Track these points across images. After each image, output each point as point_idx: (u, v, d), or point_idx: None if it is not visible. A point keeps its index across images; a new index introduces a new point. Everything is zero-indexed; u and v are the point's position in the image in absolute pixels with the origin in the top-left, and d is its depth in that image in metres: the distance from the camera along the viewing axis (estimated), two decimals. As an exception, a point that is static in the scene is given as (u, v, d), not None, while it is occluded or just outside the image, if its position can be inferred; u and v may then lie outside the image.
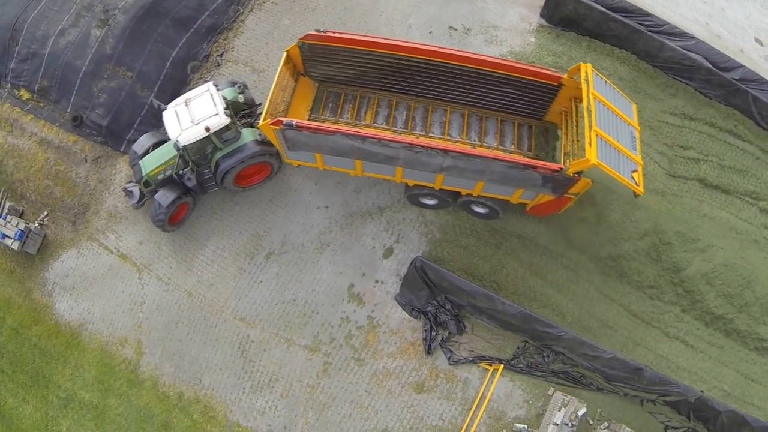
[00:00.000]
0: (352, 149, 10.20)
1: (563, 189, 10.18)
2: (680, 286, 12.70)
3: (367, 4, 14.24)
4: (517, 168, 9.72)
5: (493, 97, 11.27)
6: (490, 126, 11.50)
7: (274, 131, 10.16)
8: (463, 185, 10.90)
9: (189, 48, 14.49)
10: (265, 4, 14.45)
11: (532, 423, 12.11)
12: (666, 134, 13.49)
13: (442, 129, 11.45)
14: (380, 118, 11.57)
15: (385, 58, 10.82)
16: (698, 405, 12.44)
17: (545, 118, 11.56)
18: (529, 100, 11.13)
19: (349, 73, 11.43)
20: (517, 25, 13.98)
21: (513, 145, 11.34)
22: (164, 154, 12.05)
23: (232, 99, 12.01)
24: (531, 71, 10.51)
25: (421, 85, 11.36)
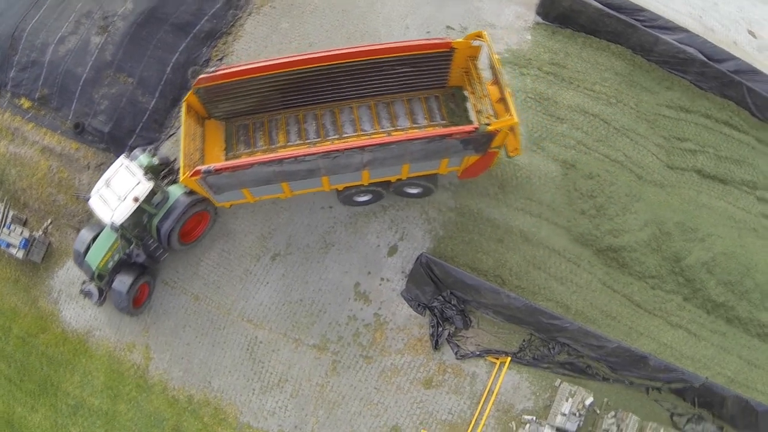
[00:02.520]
0: (273, 175, 10.31)
1: (485, 146, 10.38)
2: (681, 276, 12.91)
3: (365, 6, 14.37)
4: (434, 141, 9.91)
5: (393, 80, 11.37)
6: (399, 109, 11.62)
7: (195, 182, 10.23)
8: (390, 173, 11.03)
9: (189, 53, 14.56)
10: (263, 7, 14.56)
11: (540, 414, 12.25)
12: (663, 127, 13.69)
13: (353, 126, 11.53)
14: (292, 136, 11.60)
15: (279, 77, 10.91)
16: (703, 391, 12.65)
17: (449, 84, 11.69)
18: (427, 72, 11.26)
19: (250, 102, 11.52)
20: (513, 23, 14.14)
21: (426, 119, 11.47)
22: (105, 241, 12.06)
23: (148, 164, 12.08)
24: (419, 45, 10.64)
25: (322, 92, 11.49)
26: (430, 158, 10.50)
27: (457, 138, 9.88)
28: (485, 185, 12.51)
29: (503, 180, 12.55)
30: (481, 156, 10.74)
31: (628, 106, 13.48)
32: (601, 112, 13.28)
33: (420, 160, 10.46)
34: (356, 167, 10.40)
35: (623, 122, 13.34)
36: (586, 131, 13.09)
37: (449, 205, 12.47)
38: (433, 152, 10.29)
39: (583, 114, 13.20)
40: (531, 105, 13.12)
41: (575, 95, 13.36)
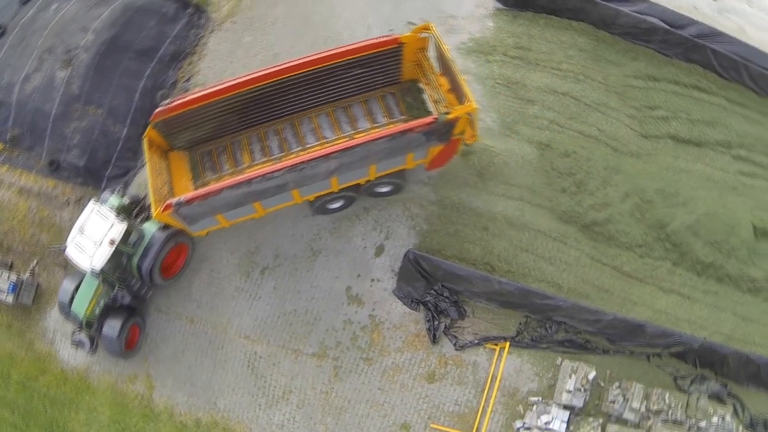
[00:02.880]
0: (244, 196, 10.32)
1: (448, 135, 10.47)
2: (667, 241, 13.05)
3: (325, 12, 14.41)
4: (397, 138, 9.97)
5: (347, 84, 11.45)
6: (357, 111, 11.71)
7: (169, 216, 10.24)
8: (358, 176, 11.09)
9: (155, 77, 14.54)
10: (224, 24, 14.59)
11: (545, 394, 12.31)
12: (633, 97, 13.86)
13: (315, 136, 11.60)
14: (257, 154, 11.65)
15: (234, 99, 10.92)
16: (703, 352, 12.76)
17: (403, 79, 11.76)
18: (380, 71, 11.35)
19: (210, 128, 11.52)
20: (473, 11, 14.24)
21: (385, 117, 11.57)
22: (88, 288, 11.99)
23: (119, 205, 12.06)
24: (369, 46, 10.70)
25: (279, 107, 11.52)
26: (395, 155, 10.58)
27: (418, 131, 9.95)
28: (464, 175, 12.58)
29: (481, 168, 12.61)
30: (446, 145, 10.81)
31: (596, 81, 13.62)
32: (570, 90, 13.41)
33: (385, 158, 10.53)
34: (324, 176, 10.44)
35: (593, 97, 13.47)
36: (558, 110, 13.20)
37: (430, 199, 12.51)
38: (397, 149, 10.37)
39: (553, 94, 13.32)
40: (500, 90, 13.20)
41: (543, 76, 13.49)
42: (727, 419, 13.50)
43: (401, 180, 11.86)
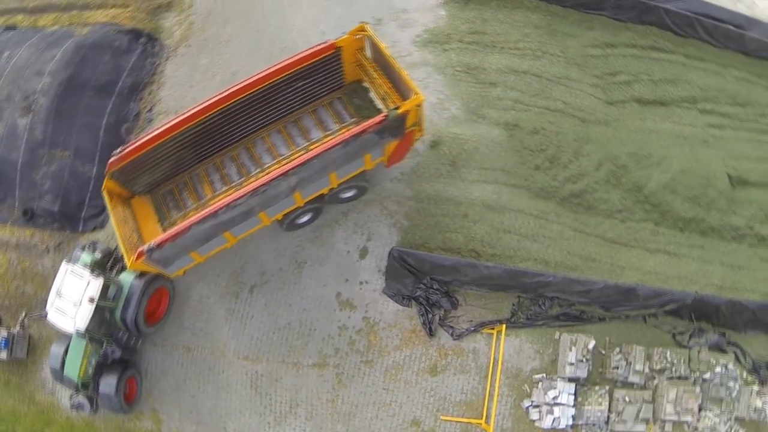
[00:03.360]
0: (212, 229, 10.27)
1: (401, 129, 10.48)
2: (647, 203, 13.18)
3: (277, 23, 14.32)
4: (351, 142, 9.98)
5: (293, 98, 11.43)
6: (307, 122, 11.69)
7: (142, 263, 10.15)
8: (321, 186, 11.06)
9: (118, 112, 14.38)
10: (179, 49, 14.46)
11: (549, 370, 12.36)
12: (593, 66, 13.98)
13: (271, 155, 11.55)
14: (217, 184, 11.58)
15: (184, 134, 10.83)
16: (697, 305, 12.92)
17: (347, 82, 11.77)
18: (323, 78, 11.34)
19: (166, 167, 11.46)
20: (424, 3, 14.20)
21: (336, 123, 11.57)
22: (77, 350, 11.82)
23: (92, 261, 11.96)
24: (307, 56, 10.66)
25: (230, 134, 11.46)
26: (352, 159, 10.58)
27: (371, 131, 9.95)
28: (436, 166, 12.60)
29: (452, 157, 12.63)
30: (401, 139, 10.82)
31: (555, 56, 13.71)
32: (530, 67, 13.48)
33: (343, 164, 10.53)
34: (287, 193, 10.40)
35: (554, 72, 13.56)
36: (521, 89, 13.24)
37: (406, 195, 12.51)
38: (354, 152, 10.35)
39: (514, 74, 13.36)
40: (461, 77, 13.22)
41: (501, 58, 13.51)
42: (730, 367, 13.67)
43: (364, 182, 11.91)
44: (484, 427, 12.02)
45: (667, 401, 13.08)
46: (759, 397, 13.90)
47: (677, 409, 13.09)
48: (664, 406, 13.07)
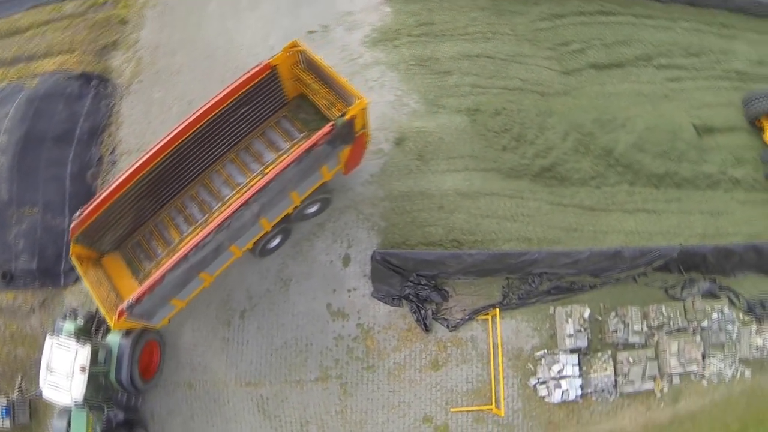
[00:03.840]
0: (187, 272, 10.19)
1: (351, 135, 10.49)
2: (618, 165, 13.26)
3: (224, 44, 14.22)
4: (303, 158, 9.93)
5: (239, 125, 11.37)
6: (259, 147, 11.62)
7: (125, 321, 10.02)
8: (284, 207, 10.99)
9: (80, 159, 14.17)
10: (131, 86, 14.29)
11: (549, 345, 12.39)
12: (544, 39, 14.07)
13: (229, 186, 11.44)
14: (183, 227, 11.44)
15: (138, 185, 10.73)
16: (683, 257, 13.01)
17: (290, 99, 11.71)
18: (264, 100, 11.30)
19: (128, 221, 11.33)
20: (369, 2, 14.18)
21: (287, 142, 11.49)
22: (79, 421, 11.54)
23: (76, 328, 11.71)
24: (245, 81, 10.63)
25: (184, 174, 11.37)
26: (309, 174, 10.52)
27: (322, 143, 9.91)
28: (404, 162, 12.58)
29: (419, 151, 12.62)
30: (353, 145, 10.81)
31: (505, 35, 13.77)
32: (482, 50, 13.50)
33: (301, 181, 10.47)
34: (252, 221, 10.33)
35: (507, 51, 13.60)
36: (477, 73, 13.27)
37: (379, 196, 12.46)
38: (309, 167, 10.29)
39: (467, 59, 13.38)
40: (415, 71, 13.22)
41: (453, 45, 13.54)
42: (725, 311, 13.82)
43: (326, 194, 11.86)
44: (495, 412, 12.02)
45: (670, 355, 13.20)
46: (759, 335, 14.05)
47: (681, 361, 13.20)
48: (668, 361, 13.19)
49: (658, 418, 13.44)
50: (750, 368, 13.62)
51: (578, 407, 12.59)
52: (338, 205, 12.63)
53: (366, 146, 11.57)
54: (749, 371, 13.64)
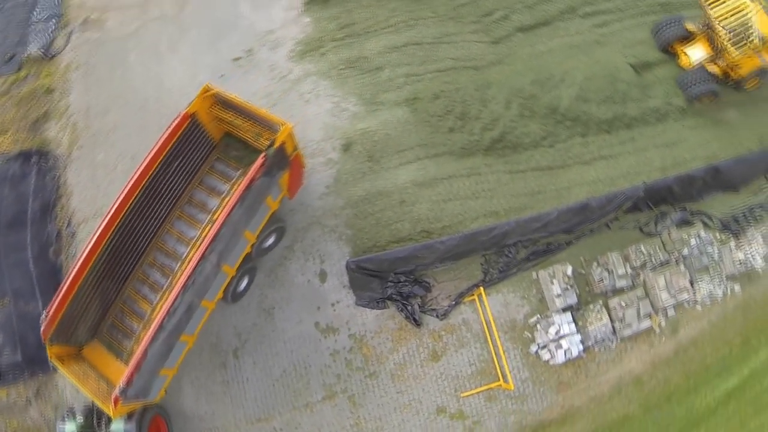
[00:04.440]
0: (168, 340, 10.07)
1: (285, 159, 10.52)
2: (566, 120, 13.32)
3: (153, 90, 13.98)
4: (246, 196, 9.91)
5: (174, 180, 11.23)
6: (200, 196, 11.52)
7: (123, 407, 9.89)
8: (242, 249, 10.91)
9: (39, 240, 13.82)
10: (72, 153, 13.95)
11: (540, 309, 12.51)
12: (467, 14, 14.11)
13: (183, 243, 11.30)
14: (150, 296, 11.24)
15: (93, 271, 10.54)
16: (649, 193, 13.18)
17: (217, 140, 11.63)
18: (192, 149, 11.19)
19: (96, 306, 11.08)
20: (286, 17, 14.10)
21: (226, 184, 11.43)
22: None
23: (78, 427, 11.52)
24: (169, 135, 10.55)
25: (135, 245, 11.19)
26: (256, 209, 10.47)
27: (259, 176, 9.88)
28: (356, 167, 12.53)
29: (367, 152, 12.57)
30: (290, 169, 10.81)
31: (427, 19, 13.74)
32: (409, 39, 13.50)
33: (250, 218, 10.42)
34: (215, 271, 10.25)
35: (432, 34, 13.60)
36: (408, 63, 13.26)
37: (339, 205, 12.41)
38: (254, 203, 10.25)
39: (395, 50, 13.37)
40: (347, 74, 13.19)
41: (378, 40, 13.51)
42: (702, 235, 14.05)
43: (279, 223, 11.80)
44: (505, 387, 12.08)
45: (660, 290, 13.39)
46: (739, 249, 14.33)
47: (672, 293, 13.41)
48: (659, 295, 13.38)
49: (663, 352, 13.67)
50: (738, 283, 13.91)
51: (583, 362, 12.74)
52: (301, 224, 12.55)
53: (303, 166, 11.56)
54: (738, 286, 13.94)
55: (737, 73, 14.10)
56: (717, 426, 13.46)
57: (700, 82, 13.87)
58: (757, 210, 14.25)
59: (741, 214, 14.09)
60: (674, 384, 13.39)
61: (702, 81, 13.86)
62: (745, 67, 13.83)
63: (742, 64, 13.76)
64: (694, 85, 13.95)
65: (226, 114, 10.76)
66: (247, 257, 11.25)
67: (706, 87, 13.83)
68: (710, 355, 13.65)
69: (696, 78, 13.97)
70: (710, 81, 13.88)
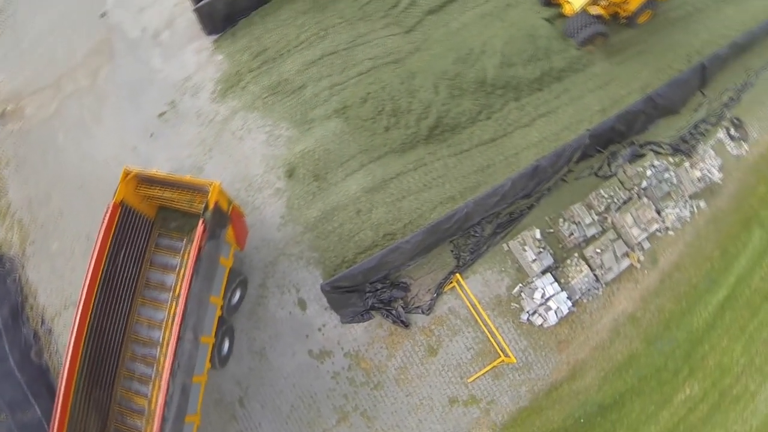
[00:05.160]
0: (174, 427, 9.84)
1: (224, 217, 10.52)
2: (496, 89, 13.33)
3: (89, 166, 13.65)
4: (198, 265, 9.88)
5: (126, 269, 11.03)
6: (156, 276, 11.45)
7: None
8: (212, 314, 10.88)
9: (17, 346, 13.36)
10: (26, 251, 13.51)
11: (520, 278, 12.62)
12: (374, 11, 14.02)
13: (155, 327, 11.11)
14: (143, 390, 10.98)
15: (79, 385, 10.24)
16: (595, 139, 13.22)
17: (154, 217, 11.56)
18: (134, 234, 11.07)
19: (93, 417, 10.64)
20: (199, 60, 13.94)
21: (177, 257, 11.34)
22: None
23: None
24: (104, 234, 10.39)
25: (110, 344, 10.89)
26: (213, 274, 10.45)
27: (204, 241, 9.87)
28: (304, 189, 12.48)
29: (312, 173, 12.51)
30: (231, 223, 10.81)
31: (336, 26, 13.65)
32: (323, 50, 13.41)
33: (211, 284, 10.40)
34: (195, 345, 10.15)
35: (345, 39, 13.53)
36: (328, 74, 13.20)
37: (299, 232, 12.38)
38: (209, 269, 10.22)
39: (313, 65, 13.29)
40: (272, 101, 13.09)
41: (294, 59, 13.41)
42: (656, 164, 14.25)
43: (239, 276, 11.75)
44: (507, 361, 12.18)
45: (629, 227, 13.57)
46: (694, 168, 14.54)
47: (642, 227, 13.60)
48: (630, 233, 13.55)
49: (649, 284, 13.88)
50: (702, 199, 14.15)
51: (576, 316, 12.92)
52: (268, 259, 12.50)
53: (243, 215, 11.52)
54: (703, 202, 14.19)
55: (627, 10, 14.11)
56: (719, 338, 13.80)
57: (585, 26, 13.80)
58: (701, 125, 14.52)
59: (688, 133, 14.33)
60: (668, 311, 13.70)
61: (586, 24, 13.78)
62: (634, 2, 13.83)
63: None
64: (580, 30, 13.86)
65: (153, 190, 10.70)
66: (220, 320, 11.24)
67: (591, 29, 13.78)
68: (694, 274, 13.98)
69: (579, 23, 13.89)
70: (595, 23, 13.81)
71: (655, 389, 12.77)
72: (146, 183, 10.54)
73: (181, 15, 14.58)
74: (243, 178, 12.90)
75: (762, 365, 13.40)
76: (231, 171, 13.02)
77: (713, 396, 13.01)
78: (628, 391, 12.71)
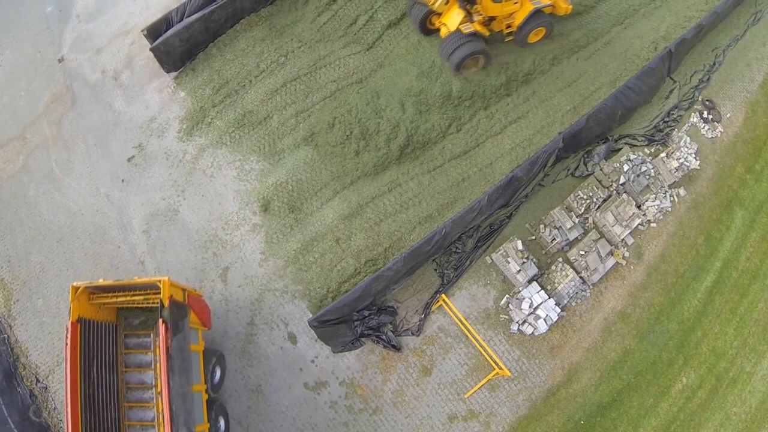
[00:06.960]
0: None
1: (182, 307, 10.49)
2: (463, 100, 13.09)
3: (64, 217, 13.47)
4: (172, 364, 9.80)
5: (105, 378, 10.91)
6: (133, 377, 11.35)
7: None
8: (200, 400, 10.82)
9: (15, 407, 13.20)
10: (12, 311, 13.32)
11: (507, 289, 12.61)
12: (332, 31, 13.75)
13: (149, 428, 10.94)
14: None
15: None
16: (569, 140, 13.07)
17: (116, 322, 11.45)
18: (101, 344, 10.92)
19: None
20: (162, 98, 13.76)
21: (148, 354, 11.27)
22: None
23: None
24: (72, 352, 10.22)
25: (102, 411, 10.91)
26: (188, 363, 10.42)
27: (169, 338, 9.80)
28: (281, 223, 12.37)
29: (287, 204, 12.43)
30: (192, 309, 10.78)
31: (296, 50, 13.46)
32: (285, 77, 13.23)
33: (189, 373, 10.37)
34: (187, 403, 10.17)
35: (305, 63, 13.35)
36: (292, 101, 13.03)
37: (280, 266, 12.31)
38: (182, 361, 10.18)
39: (276, 93, 13.12)
40: (239, 135, 12.95)
41: (256, 89, 13.23)
42: (632, 157, 14.12)
43: (215, 354, 11.60)
44: (502, 373, 12.14)
45: (611, 226, 13.46)
46: (671, 158, 14.44)
47: (624, 224, 13.50)
48: (613, 230, 13.49)
49: (636, 280, 13.85)
50: (681, 187, 14.08)
51: (566, 321, 12.92)
52: (254, 297, 12.42)
53: (200, 296, 11.46)
54: (683, 189, 14.11)
55: (514, 25, 12.85)
56: (711, 323, 13.85)
57: (458, 47, 12.26)
58: (673, 112, 14.39)
59: (661, 122, 14.20)
60: (657, 304, 13.71)
61: (459, 45, 12.24)
62: (519, 15, 12.62)
63: (506, 11, 12.43)
64: (453, 53, 12.35)
65: (107, 298, 10.66)
66: (209, 402, 11.18)
67: (466, 49, 12.27)
68: (681, 264, 13.99)
69: (452, 44, 12.33)
70: (469, 41, 12.28)
71: (651, 382, 12.85)
72: (98, 291, 10.50)
73: (139, 53, 14.38)
74: (219, 217, 12.79)
75: (756, 345, 13.50)
76: (206, 210, 12.91)
77: (710, 381, 13.13)
78: (625, 387, 12.79)
